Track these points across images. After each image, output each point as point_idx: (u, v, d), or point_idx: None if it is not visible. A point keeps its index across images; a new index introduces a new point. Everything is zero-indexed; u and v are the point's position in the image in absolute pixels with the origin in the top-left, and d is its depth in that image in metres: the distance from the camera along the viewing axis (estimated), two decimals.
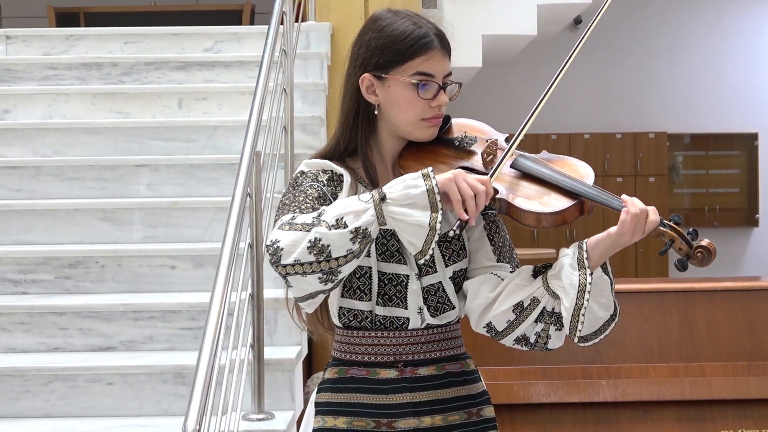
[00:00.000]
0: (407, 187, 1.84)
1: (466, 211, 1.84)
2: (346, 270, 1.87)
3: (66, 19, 8.03)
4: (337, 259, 1.83)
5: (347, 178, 2.03)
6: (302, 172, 2.05)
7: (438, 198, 1.83)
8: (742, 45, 11.04)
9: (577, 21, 10.26)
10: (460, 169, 1.85)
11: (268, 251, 1.86)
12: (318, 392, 2.10)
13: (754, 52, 11.06)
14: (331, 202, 1.98)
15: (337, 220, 1.83)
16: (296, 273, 1.84)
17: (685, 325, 3.59)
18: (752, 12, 11.08)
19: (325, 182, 2.02)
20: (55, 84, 5.57)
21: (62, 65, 5.64)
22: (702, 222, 10.98)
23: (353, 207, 1.84)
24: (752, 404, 3.40)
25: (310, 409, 2.11)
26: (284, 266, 1.84)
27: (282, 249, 1.84)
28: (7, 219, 4.51)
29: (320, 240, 1.82)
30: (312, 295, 1.91)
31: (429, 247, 1.84)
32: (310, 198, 1.98)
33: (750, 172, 11.19)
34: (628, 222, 1.90)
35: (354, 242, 1.83)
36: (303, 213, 1.92)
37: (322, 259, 1.83)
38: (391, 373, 2.03)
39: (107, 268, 4.22)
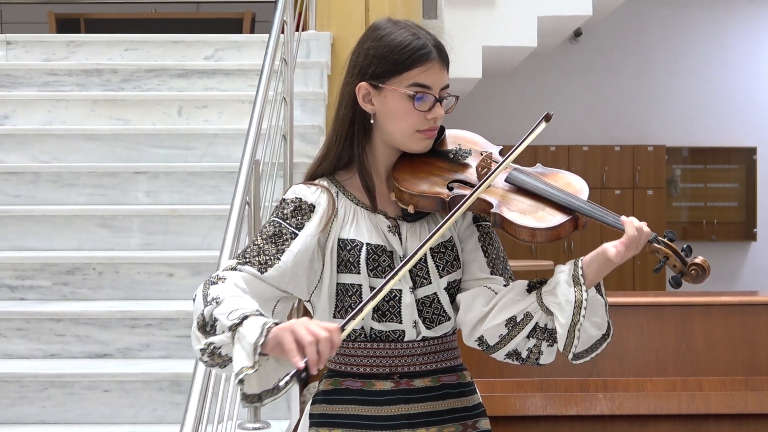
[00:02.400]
0: (251, 328, 1.77)
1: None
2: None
3: (66, 25, 8.03)
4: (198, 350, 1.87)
5: (320, 207, 2.02)
6: (282, 200, 2.06)
7: (256, 358, 1.74)
8: (741, 59, 11.05)
9: (577, 33, 10.28)
10: (305, 318, 1.77)
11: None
12: (312, 403, 2.09)
13: (752, 66, 11.08)
14: (290, 238, 1.98)
15: (214, 320, 1.83)
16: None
17: (683, 338, 3.59)
18: (751, 26, 11.10)
19: (289, 215, 2.01)
20: (55, 90, 5.57)
21: (62, 71, 5.64)
22: (700, 236, 10.98)
23: (224, 320, 1.81)
24: (749, 419, 3.40)
25: (305, 420, 2.11)
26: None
27: (193, 310, 1.90)
28: (5, 224, 4.51)
29: (191, 330, 1.88)
30: None
31: (238, 394, 1.81)
32: (264, 237, 1.99)
33: (748, 186, 11.19)
34: (626, 244, 1.90)
35: (203, 354, 1.84)
36: (238, 266, 1.95)
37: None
38: (386, 385, 2.02)
39: (105, 275, 4.21)
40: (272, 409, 3.60)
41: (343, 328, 1.77)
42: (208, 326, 1.84)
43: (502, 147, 2.13)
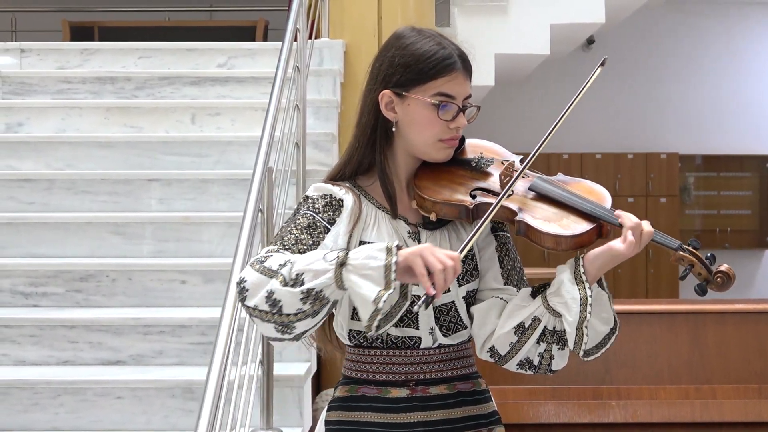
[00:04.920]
0: (368, 257, 1.78)
1: (434, 285, 1.76)
2: (301, 326, 1.84)
3: (80, 33, 8.07)
4: (288, 315, 1.82)
5: (348, 203, 2.02)
6: (306, 197, 2.05)
7: (393, 276, 1.76)
8: (754, 66, 11.03)
9: (590, 41, 10.27)
10: (429, 245, 1.80)
11: (237, 287, 1.87)
12: (328, 410, 2.09)
13: (765, 73, 11.05)
14: (323, 231, 1.98)
15: (297, 275, 1.81)
16: (256, 317, 1.85)
17: (696, 346, 3.58)
18: (763, 34, 11.07)
19: (321, 209, 2.01)
20: (68, 98, 5.60)
21: (76, 79, 5.67)
22: (713, 243, 10.94)
23: (316, 266, 1.81)
24: (763, 427, 3.39)
25: (320, 427, 2.11)
26: (247, 307, 1.85)
27: (247, 290, 1.85)
28: (19, 231, 4.52)
29: (273, 294, 1.82)
30: (278, 339, 1.89)
31: (374, 323, 1.78)
32: (298, 228, 1.97)
33: (761, 193, 11.16)
34: (631, 229, 1.90)
35: (305, 303, 1.81)
36: (280, 250, 1.92)
37: (275, 311, 1.82)
38: (402, 392, 2.02)
39: (118, 282, 4.22)
40: (284, 417, 3.60)
41: (462, 251, 1.82)
42: (290, 284, 1.81)
43: (522, 156, 2.13)
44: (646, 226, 1.93)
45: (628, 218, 1.93)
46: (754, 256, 11.12)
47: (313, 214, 2.00)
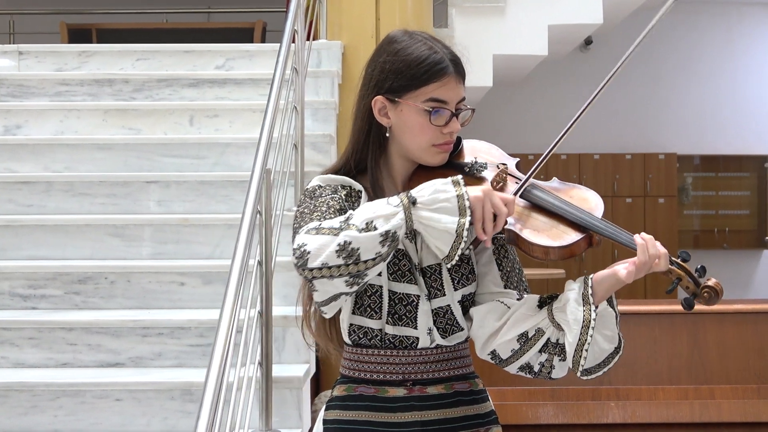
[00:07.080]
0: (436, 191, 1.84)
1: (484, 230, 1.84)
2: (372, 273, 1.86)
3: (78, 35, 8.07)
4: (365, 261, 1.83)
5: (365, 194, 2.04)
6: (319, 186, 2.05)
7: (467, 204, 1.82)
8: (753, 67, 11.04)
9: (588, 42, 10.27)
10: (490, 187, 1.86)
11: (294, 255, 1.86)
12: (326, 410, 2.10)
13: (764, 73, 11.05)
14: None
15: (367, 224, 1.82)
16: (323, 276, 1.84)
17: (695, 347, 3.58)
18: (762, 34, 11.08)
19: (344, 197, 2.02)
20: (67, 100, 5.59)
21: (74, 81, 5.67)
22: (711, 244, 10.95)
23: (382, 211, 1.84)
24: (762, 427, 3.39)
25: (318, 426, 2.11)
26: (311, 270, 1.84)
27: (309, 252, 1.84)
28: (18, 234, 4.52)
29: (350, 243, 1.82)
30: (335, 297, 1.90)
31: (456, 253, 1.83)
32: (332, 209, 1.98)
33: (760, 194, 11.16)
34: (638, 266, 1.90)
35: (383, 245, 1.83)
36: (328, 219, 1.92)
37: (350, 262, 1.82)
38: (399, 392, 2.03)
39: (117, 284, 4.22)
40: (284, 418, 3.60)
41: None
42: (365, 230, 1.83)
43: (518, 159, 2.13)
44: (663, 260, 1.91)
45: (642, 251, 1.90)
46: (753, 257, 11.12)
47: (341, 200, 2.01)
